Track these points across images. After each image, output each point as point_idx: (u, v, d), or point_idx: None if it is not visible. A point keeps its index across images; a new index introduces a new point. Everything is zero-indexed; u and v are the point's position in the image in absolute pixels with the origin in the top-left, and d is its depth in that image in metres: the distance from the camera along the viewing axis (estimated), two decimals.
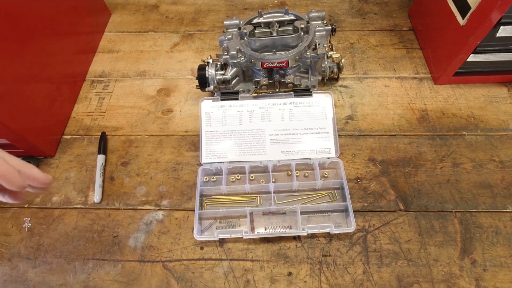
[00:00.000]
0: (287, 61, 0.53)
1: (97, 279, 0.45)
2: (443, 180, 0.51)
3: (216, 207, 0.50)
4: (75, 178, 0.53)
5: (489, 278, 0.43)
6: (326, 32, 0.55)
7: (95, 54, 0.70)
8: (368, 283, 0.43)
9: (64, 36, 0.60)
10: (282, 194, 0.51)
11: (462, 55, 0.54)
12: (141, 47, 0.70)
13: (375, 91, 0.61)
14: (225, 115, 0.54)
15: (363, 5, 0.75)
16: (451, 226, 0.47)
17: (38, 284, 0.45)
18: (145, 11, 0.77)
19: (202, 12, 0.76)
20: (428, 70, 0.63)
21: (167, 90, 0.63)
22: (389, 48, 0.67)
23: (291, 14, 0.57)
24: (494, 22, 0.48)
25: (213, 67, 0.55)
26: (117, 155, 0.56)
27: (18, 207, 0.51)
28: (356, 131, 0.57)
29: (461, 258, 0.45)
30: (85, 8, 0.66)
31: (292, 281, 0.44)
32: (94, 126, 0.59)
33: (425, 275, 0.44)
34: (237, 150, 0.53)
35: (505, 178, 0.51)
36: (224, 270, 0.45)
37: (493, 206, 0.48)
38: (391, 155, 0.54)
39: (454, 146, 0.54)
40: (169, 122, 0.59)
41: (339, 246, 0.46)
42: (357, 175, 0.52)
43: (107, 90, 0.64)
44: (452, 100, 0.59)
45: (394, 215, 0.48)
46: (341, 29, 0.71)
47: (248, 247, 0.47)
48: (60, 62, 0.59)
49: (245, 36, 0.55)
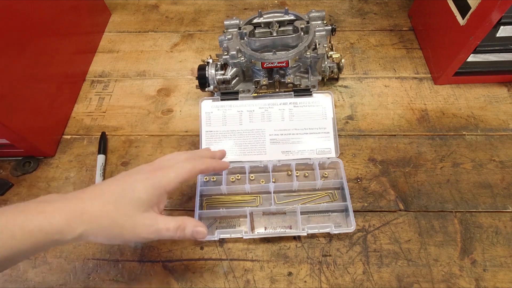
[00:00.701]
0: (287, 61, 0.53)
1: (97, 279, 0.45)
2: (443, 180, 0.51)
3: (216, 207, 0.50)
4: (75, 178, 0.53)
5: (489, 278, 0.43)
6: (326, 32, 0.55)
7: (95, 54, 0.70)
8: (368, 283, 0.43)
9: (64, 36, 0.60)
10: (282, 194, 0.51)
11: (462, 55, 0.54)
12: (141, 47, 0.70)
13: (375, 91, 0.61)
14: (225, 115, 0.54)
15: (363, 5, 0.75)
16: (451, 226, 0.47)
17: (38, 284, 0.45)
18: (145, 11, 0.77)
19: (202, 12, 0.76)
20: (428, 70, 0.63)
21: (167, 90, 0.63)
22: (389, 48, 0.67)
23: (291, 14, 0.57)
24: (494, 22, 0.48)
25: (213, 67, 0.55)
26: (117, 155, 0.56)
27: None
28: (356, 131, 0.57)
29: (461, 258, 0.45)
30: (85, 8, 0.66)
31: (292, 281, 0.44)
32: (94, 126, 0.59)
33: (425, 275, 0.44)
34: (237, 150, 0.53)
35: (505, 178, 0.51)
36: (224, 270, 0.45)
37: (493, 206, 0.48)
38: (391, 155, 0.54)
39: (454, 146, 0.54)
40: (169, 122, 0.59)
41: (339, 246, 0.46)
42: (357, 175, 0.52)
43: (107, 90, 0.64)
44: (452, 100, 0.59)
45: (394, 215, 0.48)
46: (341, 29, 0.71)
47: (248, 247, 0.47)
48: (60, 62, 0.59)
49: (245, 36, 0.55)
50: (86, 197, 0.33)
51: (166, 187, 0.35)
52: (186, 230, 0.35)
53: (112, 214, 0.32)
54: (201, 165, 0.39)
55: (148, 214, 0.34)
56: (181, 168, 0.37)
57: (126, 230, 0.33)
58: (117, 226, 0.32)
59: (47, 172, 0.54)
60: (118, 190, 0.34)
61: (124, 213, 0.32)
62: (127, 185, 0.34)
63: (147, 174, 0.36)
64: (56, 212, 0.30)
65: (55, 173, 0.54)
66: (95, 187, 0.35)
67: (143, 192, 0.34)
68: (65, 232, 0.30)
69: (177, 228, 0.35)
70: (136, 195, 0.33)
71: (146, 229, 0.33)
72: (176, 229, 0.35)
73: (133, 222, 0.33)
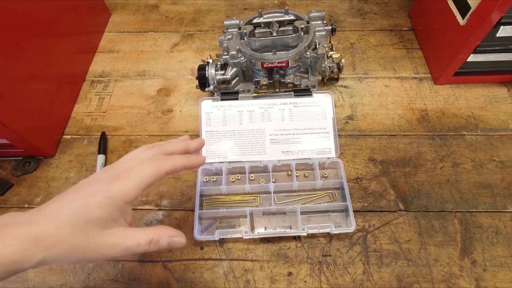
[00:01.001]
0: (287, 61, 0.53)
1: (97, 279, 0.45)
2: (443, 180, 0.51)
3: (216, 207, 0.50)
4: (75, 178, 0.53)
5: (489, 278, 0.43)
6: (326, 32, 0.55)
7: (95, 54, 0.70)
8: (368, 283, 0.43)
9: (64, 36, 0.60)
10: (282, 194, 0.51)
11: (462, 55, 0.54)
12: (141, 47, 0.70)
13: (375, 91, 0.61)
14: (225, 115, 0.54)
15: (363, 5, 0.75)
16: (451, 226, 0.47)
17: (38, 284, 0.45)
18: (145, 11, 0.77)
19: (202, 12, 0.76)
20: (428, 70, 0.63)
21: (167, 90, 0.63)
22: (389, 48, 0.67)
23: (291, 14, 0.57)
24: (494, 22, 0.48)
25: (213, 67, 0.55)
26: (117, 155, 0.56)
27: (17, 207, 0.51)
28: (356, 131, 0.57)
29: (461, 258, 0.45)
30: (85, 8, 0.66)
31: (292, 281, 0.44)
32: (94, 126, 0.59)
33: (425, 275, 0.44)
34: (237, 150, 0.53)
35: (505, 178, 0.51)
36: (224, 270, 0.45)
37: (493, 206, 0.48)
38: (391, 155, 0.54)
39: (454, 146, 0.54)
40: (169, 122, 0.59)
41: (339, 246, 0.46)
42: (357, 175, 0.52)
43: (107, 90, 0.64)
44: (452, 100, 0.59)
45: (394, 215, 0.48)
46: (341, 29, 0.71)
47: (248, 247, 0.47)
48: (60, 62, 0.59)
49: (245, 36, 0.55)
50: (39, 220, 0.29)
51: (126, 199, 0.30)
52: (160, 242, 0.32)
53: (69, 238, 0.28)
54: (168, 166, 0.33)
55: (112, 231, 0.30)
56: (141, 173, 0.32)
57: (89, 253, 0.29)
58: (79, 250, 0.29)
59: (47, 172, 0.54)
60: (72, 209, 0.29)
61: (83, 235, 0.29)
62: (80, 202, 0.30)
63: (102, 184, 0.31)
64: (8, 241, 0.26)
65: (55, 173, 0.54)
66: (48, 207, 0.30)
67: (99, 208, 0.29)
68: (22, 262, 0.26)
69: (150, 242, 0.31)
70: (93, 213, 0.29)
71: (112, 248, 0.30)
72: (149, 243, 0.31)
73: (95, 243, 0.29)
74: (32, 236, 0.27)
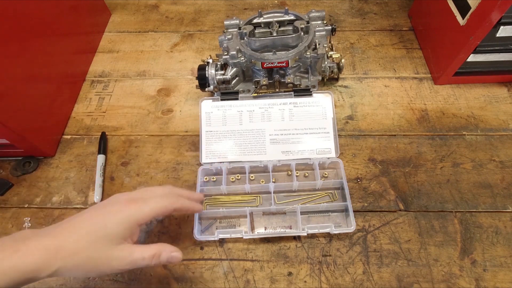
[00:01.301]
0: (287, 61, 0.53)
1: (97, 279, 0.45)
2: (443, 180, 0.51)
3: (216, 207, 0.50)
4: (75, 178, 0.53)
5: (489, 278, 0.43)
6: (326, 32, 0.55)
7: (95, 54, 0.70)
8: (368, 283, 0.43)
9: (64, 36, 0.60)
10: (282, 194, 0.51)
11: (462, 55, 0.54)
12: (141, 47, 0.70)
13: (375, 91, 0.61)
14: (225, 115, 0.54)
15: (363, 5, 0.75)
16: (451, 226, 0.47)
17: (38, 284, 0.45)
18: (145, 11, 0.77)
19: (202, 12, 0.76)
20: (428, 70, 0.63)
21: (167, 90, 0.63)
22: (389, 48, 0.67)
23: (291, 14, 0.57)
24: (494, 22, 0.48)
25: (213, 67, 0.55)
26: (117, 155, 0.56)
27: (17, 207, 0.51)
28: (356, 131, 0.57)
29: (461, 258, 0.45)
30: (85, 8, 0.66)
31: (292, 281, 0.44)
32: (94, 126, 0.59)
33: (425, 275, 0.44)
34: (237, 150, 0.53)
35: (505, 178, 0.51)
36: (224, 270, 0.45)
37: (493, 206, 0.48)
38: (391, 155, 0.54)
39: (454, 146, 0.54)
40: (169, 122, 0.59)
41: (339, 246, 0.46)
42: (357, 175, 0.52)
43: (107, 90, 0.64)
44: (452, 100, 0.59)
45: (394, 215, 0.48)
46: (341, 29, 0.71)
47: (248, 247, 0.47)
48: (60, 62, 0.59)
49: (245, 36, 0.55)
50: (60, 233, 0.33)
51: (138, 221, 0.36)
52: (161, 257, 0.36)
53: (86, 250, 0.33)
54: (177, 204, 0.39)
55: (122, 246, 0.34)
56: (156, 203, 0.37)
57: (101, 265, 0.33)
58: (92, 262, 0.33)
59: (47, 172, 0.54)
60: (91, 225, 0.34)
61: (98, 248, 0.33)
62: (99, 219, 0.35)
63: (121, 206, 0.36)
64: (31, 251, 0.31)
65: (55, 173, 0.54)
66: (69, 222, 0.35)
67: (115, 227, 0.34)
68: (41, 270, 0.30)
69: (152, 257, 0.36)
70: (109, 231, 0.34)
71: (121, 261, 0.34)
72: (152, 258, 0.36)
73: (108, 256, 0.34)
74: (53, 246, 0.31)
